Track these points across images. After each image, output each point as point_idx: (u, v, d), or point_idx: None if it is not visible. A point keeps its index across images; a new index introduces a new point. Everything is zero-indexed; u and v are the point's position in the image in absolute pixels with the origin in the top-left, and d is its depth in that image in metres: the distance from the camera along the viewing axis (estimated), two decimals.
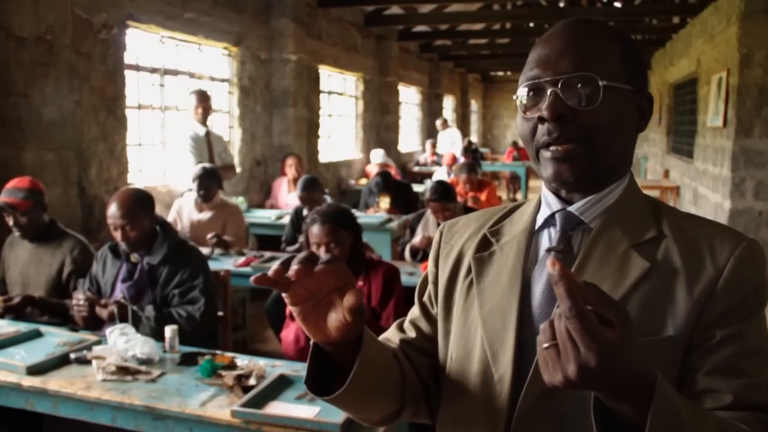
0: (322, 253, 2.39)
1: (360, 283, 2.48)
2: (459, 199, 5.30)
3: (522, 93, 0.91)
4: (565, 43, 0.89)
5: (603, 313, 0.66)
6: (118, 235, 2.57)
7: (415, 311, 1.11)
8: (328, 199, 4.84)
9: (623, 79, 0.88)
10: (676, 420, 0.69)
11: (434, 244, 1.09)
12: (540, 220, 0.97)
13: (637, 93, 0.91)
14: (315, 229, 2.42)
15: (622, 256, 0.88)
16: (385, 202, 5.72)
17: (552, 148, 0.88)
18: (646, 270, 0.86)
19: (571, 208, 0.93)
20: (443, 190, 3.97)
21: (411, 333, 1.07)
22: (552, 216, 0.95)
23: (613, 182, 0.93)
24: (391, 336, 1.09)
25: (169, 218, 4.29)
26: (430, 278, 1.08)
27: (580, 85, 0.86)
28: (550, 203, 0.96)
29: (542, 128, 0.88)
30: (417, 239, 3.97)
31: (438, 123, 11.75)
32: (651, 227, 0.91)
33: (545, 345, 0.68)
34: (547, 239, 0.96)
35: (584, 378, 0.66)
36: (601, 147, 0.88)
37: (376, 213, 5.60)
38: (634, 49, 0.93)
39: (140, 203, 2.60)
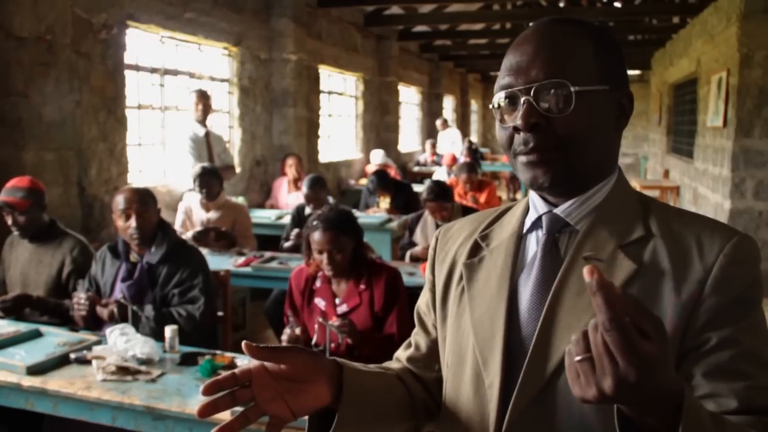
0: (324, 259, 2.41)
1: (362, 286, 2.48)
2: (458, 199, 5.31)
3: (497, 101, 0.90)
4: (536, 49, 0.87)
5: (641, 325, 0.63)
6: (132, 223, 2.56)
7: (416, 325, 1.13)
8: (330, 199, 4.83)
9: (597, 79, 0.86)
10: None
11: (430, 251, 1.09)
12: (527, 224, 0.96)
13: (614, 91, 0.89)
14: (316, 236, 2.42)
15: (608, 258, 0.87)
16: (385, 202, 5.72)
17: (529, 155, 0.87)
18: (633, 271, 0.85)
19: (557, 211, 0.92)
20: (440, 190, 3.99)
21: (415, 350, 1.10)
22: (539, 219, 0.94)
23: (599, 182, 0.92)
24: (399, 355, 1.12)
25: (177, 220, 4.29)
26: (428, 285, 1.08)
27: (552, 91, 0.84)
28: (536, 206, 0.95)
29: (518, 137, 0.87)
30: (418, 249, 3.98)
31: (438, 123, 11.75)
32: (638, 226, 0.89)
33: (579, 357, 0.65)
34: (534, 243, 0.94)
35: (621, 393, 0.63)
36: (579, 151, 0.86)
37: (376, 213, 5.61)
38: (610, 47, 0.90)
39: (150, 194, 2.68)
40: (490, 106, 0.93)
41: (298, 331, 2.40)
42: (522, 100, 0.86)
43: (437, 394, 1.04)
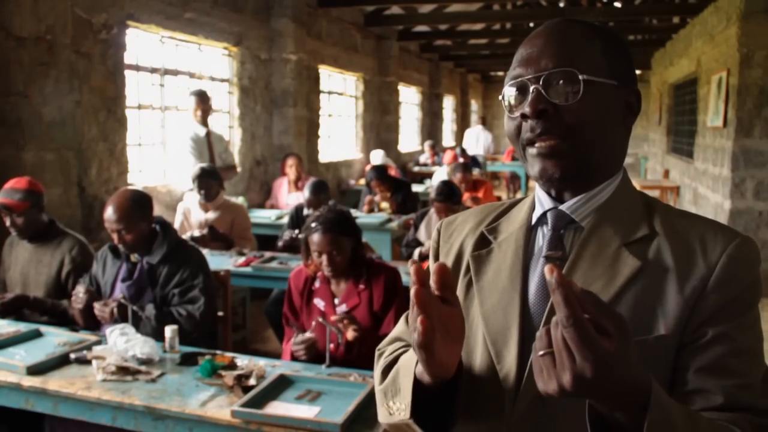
0: (324, 261, 2.41)
1: (361, 286, 2.48)
2: None
3: (507, 93, 0.92)
4: (546, 42, 0.89)
5: (600, 322, 0.66)
6: (115, 238, 2.58)
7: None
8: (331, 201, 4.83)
9: (606, 74, 0.88)
10: (671, 430, 0.70)
11: (433, 243, 1.09)
12: (534, 219, 0.97)
13: (622, 87, 0.91)
14: (316, 238, 2.42)
15: (613, 255, 0.88)
16: (384, 202, 5.72)
17: (537, 144, 0.89)
18: (638, 269, 0.86)
19: (563, 207, 0.93)
20: (449, 191, 3.96)
21: None
22: (544, 215, 0.95)
23: (605, 180, 0.93)
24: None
25: (176, 221, 4.29)
26: None
27: (561, 81, 0.86)
28: (542, 201, 0.96)
29: (526, 125, 0.89)
30: (425, 248, 3.97)
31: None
32: (643, 225, 0.91)
33: (541, 352, 0.68)
34: (541, 237, 0.96)
35: (579, 388, 0.66)
36: (586, 142, 0.88)
37: (371, 207, 5.60)
38: (618, 45, 0.93)
39: (136, 207, 2.58)
40: (500, 98, 0.95)
41: (309, 333, 2.38)
42: (531, 88, 0.87)
43: None
